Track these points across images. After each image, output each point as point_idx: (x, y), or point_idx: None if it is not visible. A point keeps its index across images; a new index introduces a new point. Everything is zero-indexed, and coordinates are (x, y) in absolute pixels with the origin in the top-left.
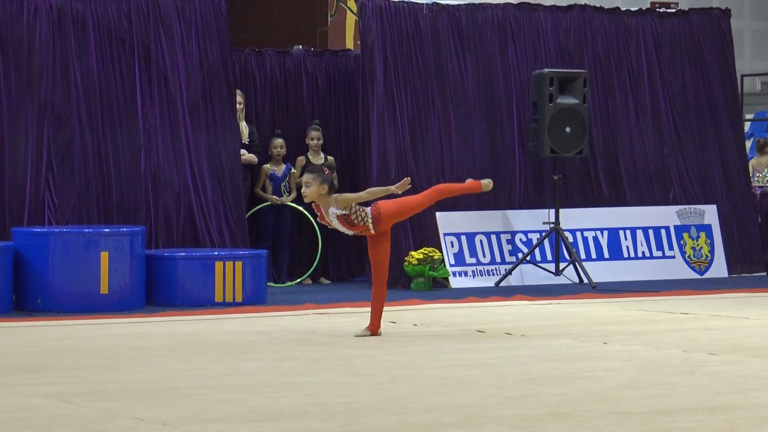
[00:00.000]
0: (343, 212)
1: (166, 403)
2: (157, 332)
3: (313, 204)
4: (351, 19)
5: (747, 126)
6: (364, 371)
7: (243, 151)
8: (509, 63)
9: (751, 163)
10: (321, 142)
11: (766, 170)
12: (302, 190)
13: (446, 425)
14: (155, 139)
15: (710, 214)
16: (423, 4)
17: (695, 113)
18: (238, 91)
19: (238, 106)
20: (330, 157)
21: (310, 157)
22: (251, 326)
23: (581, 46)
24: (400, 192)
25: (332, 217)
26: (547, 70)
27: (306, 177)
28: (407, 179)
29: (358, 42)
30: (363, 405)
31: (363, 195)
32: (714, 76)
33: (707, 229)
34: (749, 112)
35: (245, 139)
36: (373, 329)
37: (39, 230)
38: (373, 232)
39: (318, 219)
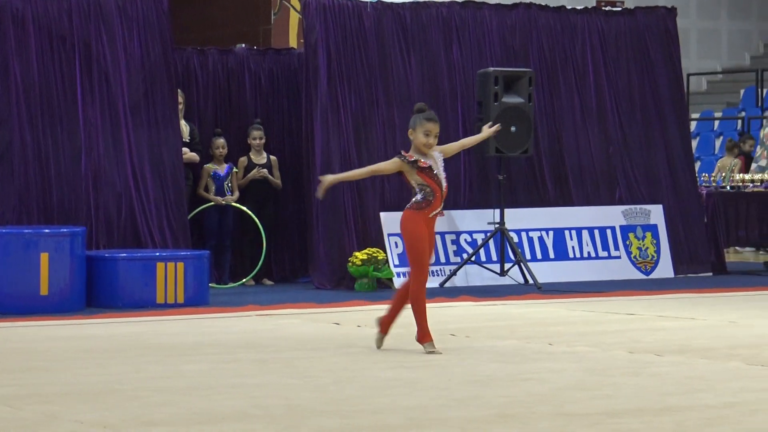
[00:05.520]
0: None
1: (108, 406)
2: (98, 334)
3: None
4: (294, 18)
5: (693, 125)
6: (308, 373)
7: (185, 149)
8: (454, 62)
9: (718, 163)
10: (263, 141)
11: (728, 171)
12: (430, 140)
13: (392, 427)
14: (96, 138)
15: (656, 214)
16: (367, 2)
17: (641, 112)
18: (179, 91)
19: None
20: (273, 157)
21: (252, 156)
22: (193, 328)
23: (526, 44)
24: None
25: (440, 160)
26: (492, 68)
27: (435, 126)
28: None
29: (302, 40)
30: (307, 407)
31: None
32: (660, 75)
33: (653, 229)
34: (695, 112)
35: (185, 138)
36: (427, 336)
37: None
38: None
39: (420, 163)
